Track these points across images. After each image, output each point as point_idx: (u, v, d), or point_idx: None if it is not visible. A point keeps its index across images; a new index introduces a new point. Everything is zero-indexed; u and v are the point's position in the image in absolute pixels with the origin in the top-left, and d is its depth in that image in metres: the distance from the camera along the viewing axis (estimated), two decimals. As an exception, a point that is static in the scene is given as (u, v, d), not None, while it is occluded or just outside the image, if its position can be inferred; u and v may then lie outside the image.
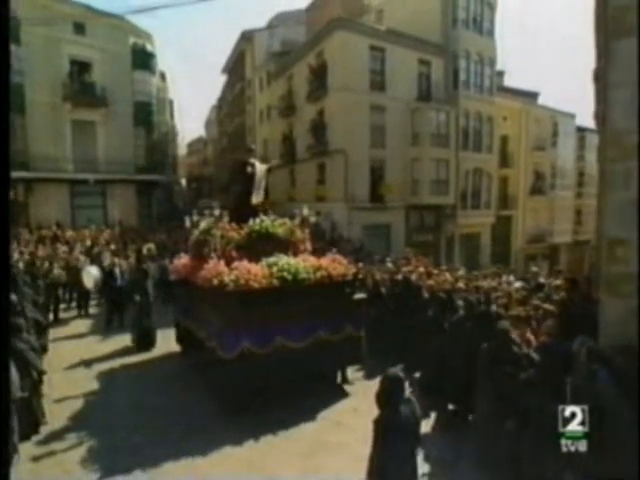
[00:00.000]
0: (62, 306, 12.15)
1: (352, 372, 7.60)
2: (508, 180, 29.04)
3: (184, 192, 55.19)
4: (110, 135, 22.40)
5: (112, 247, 14.82)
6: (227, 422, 5.96)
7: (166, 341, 9.33)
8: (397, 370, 3.52)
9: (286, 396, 6.34)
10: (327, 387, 7.16)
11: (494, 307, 6.15)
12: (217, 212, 7.30)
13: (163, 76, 36.03)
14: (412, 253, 13.71)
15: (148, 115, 25.00)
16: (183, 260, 8.29)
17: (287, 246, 7.24)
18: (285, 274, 6.32)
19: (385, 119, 21.92)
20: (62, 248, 14.60)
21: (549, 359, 4.21)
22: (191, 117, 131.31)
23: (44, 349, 6.72)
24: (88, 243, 16.10)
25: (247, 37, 32.63)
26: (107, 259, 12.37)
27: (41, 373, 5.70)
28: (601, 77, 6.08)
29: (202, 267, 6.74)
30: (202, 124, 66.23)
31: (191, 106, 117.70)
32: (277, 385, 6.31)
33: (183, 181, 59.01)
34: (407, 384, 3.67)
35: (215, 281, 6.11)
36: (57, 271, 11.70)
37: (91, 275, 11.56)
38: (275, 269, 6.37)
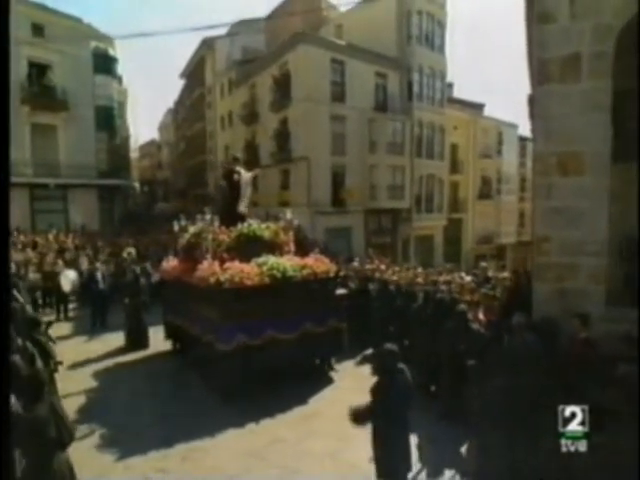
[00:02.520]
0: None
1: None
2: (458, 185, 31.15)
3: (137, 195, 54.03)
4: (71, 139, 22.17)
5: (88, 251, 14.97)
6: (226, 407, 6.57)
7: (156, 339, 9.77)
8: (392, 345, 4.21)
9: (276, 382, 7.08)
10: (313, 372, 8.03)
11: (451, 295, 7.31)
12: (208, 217, 7.90)
13: (120, 79, 35.57)
14: (375, 254, 14.87)
15: (110, 119, 25.03)
16: (172, 262, 8.85)
17: (273, 247, 7.91)
18: (275, 272, 7.00)
19: (345, 128, 23.14)
20: (31, 253, 14.59)
21: (495, 332, 5.37)
22: (142, 119, 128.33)
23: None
24: (55, 247, 16.08)
25: (208, 44, 32.94)
26: (84, 263, 12.62)
27: (57, 363, 6.23)
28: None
29: (194, 268, 7.36)
30: (154, 127, 65.10)
31: (142, 108, 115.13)
32: (269, 373, 6.98)
33: (136, 184, 57.70)
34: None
35: (211, 280, 6.69)
36: (32, 275, 11.85)
37: (69, 279, 11.69)
38: (265, 268, 7.03)
